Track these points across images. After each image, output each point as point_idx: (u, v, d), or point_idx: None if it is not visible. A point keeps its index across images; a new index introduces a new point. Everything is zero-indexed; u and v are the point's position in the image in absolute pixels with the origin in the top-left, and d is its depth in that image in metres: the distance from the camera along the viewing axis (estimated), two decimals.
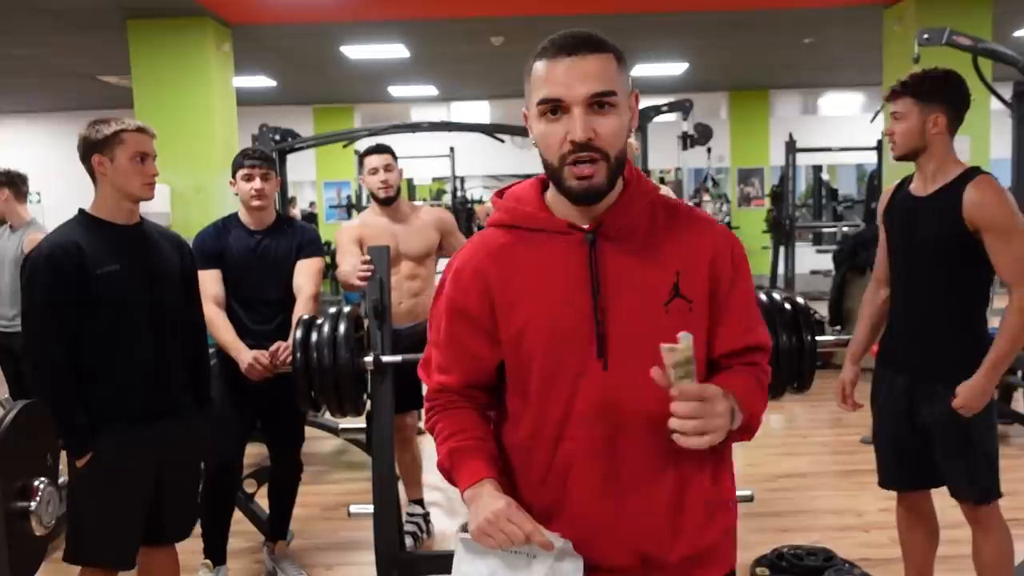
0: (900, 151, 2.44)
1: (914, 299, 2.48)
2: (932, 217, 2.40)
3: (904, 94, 2.40)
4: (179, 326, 2.42)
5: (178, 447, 2.41)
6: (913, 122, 2.39)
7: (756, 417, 1.34)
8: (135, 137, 2.29)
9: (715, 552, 1.38)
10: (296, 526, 3.74)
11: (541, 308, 1.32)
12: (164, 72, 6.42)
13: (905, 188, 2.54)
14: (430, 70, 9.80)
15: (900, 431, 2.54)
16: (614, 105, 1.27)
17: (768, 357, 1.42)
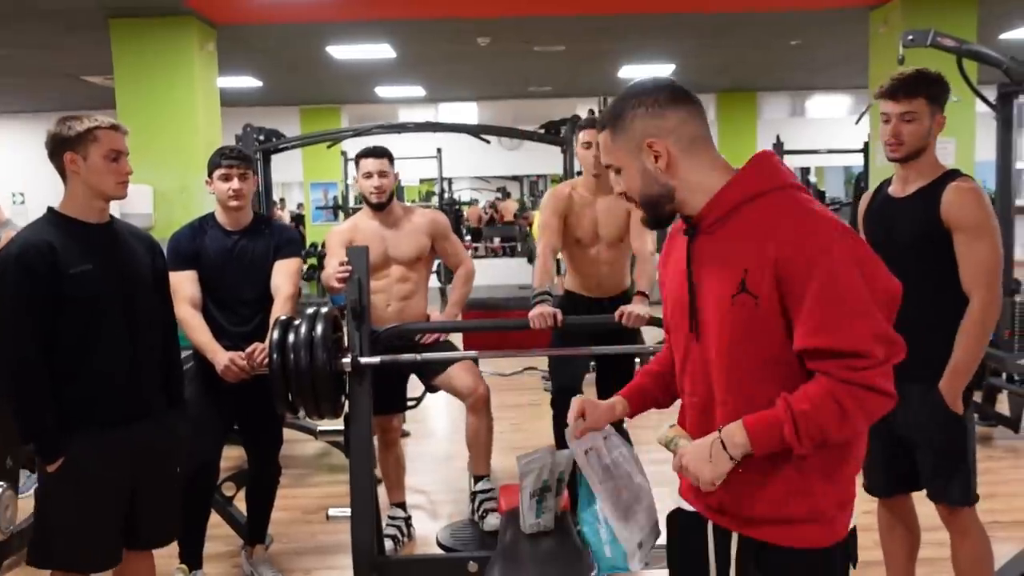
0: (906, 152, 2.38)
1: None
2: (909, 217, 2.39)
3: (918, 95, 2.34)
4: (152, 327, 2.38)
5: (153, 451, 2.36)
6: (925, 123, 2.35)
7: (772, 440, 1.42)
8: (109, 135, 2.25)
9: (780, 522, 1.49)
10: (275, 529, 3.70)
11: (671, 282, 1.62)
12: (147, 72, 6.36)
13: (883, 191, 2.53)
14: (417, 71, 9.76)
15: (881, 436, 2.51)
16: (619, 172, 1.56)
17: (853, 361, 1.37)
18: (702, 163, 1.50)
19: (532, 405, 6.08)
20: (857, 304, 1.38)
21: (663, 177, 1.49)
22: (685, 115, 1.49)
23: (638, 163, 1.50)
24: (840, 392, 1.37)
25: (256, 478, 3.32)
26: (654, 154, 1.48)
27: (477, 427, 3.39)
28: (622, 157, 1.52)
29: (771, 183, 1.46)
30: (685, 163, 1.49)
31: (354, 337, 2.83)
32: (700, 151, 1.50)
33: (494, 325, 3.50)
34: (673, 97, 1.49)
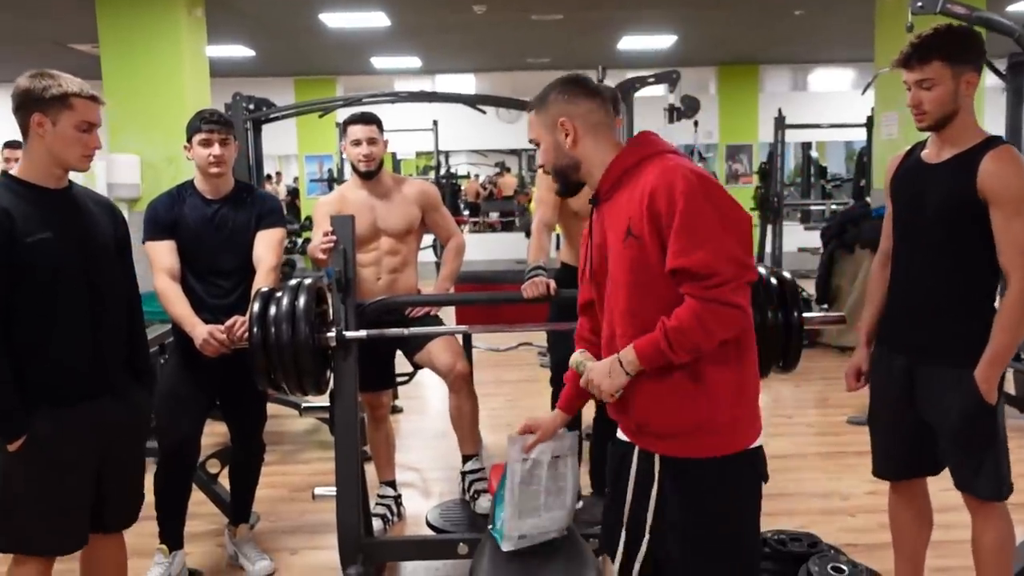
0: (930, 121, 2.21)
1: (918, 274, 2.29)
2: (943, 185, 2.20)
3: (932, 57, 2.15)
4: (116, 298, 2.25)
5: (118, 428, 2.24)
6: (947, 87, 2.15)
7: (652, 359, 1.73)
8: (85, 105, 2.10)
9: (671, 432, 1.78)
10: (262, 508, 3.60)
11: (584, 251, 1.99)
12: (133, 39, 6.18)
13: (915, 155, 2.34)
14: (413, 40, 9.57)
15: (898, 416, 2.38)
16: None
17: (705, 281, 1.65)
18: (602, 144, 1.86)
19: (528, 381, 5.98)
20: (707, 232, 1.65)
21: (570, 150, 1.86)
22: (593, 106, 1.86)
23: (552, 138, 1.87)
24: (699, 309, 1.66)
25: (239, 456, 3.21)
26: (564, 131, 1.85)
27: (459, 406, 3.28)
28: (541, 132, 1.89)
29: (647, 151, 1.80)
30: (588, 142, 1.85)
31: (339, 310, 2.70)
32: (601, 135, 1.86)
33: (485, 298, 3.38)
34: (585, 90, 1.87)
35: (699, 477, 1.75)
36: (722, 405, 1.74)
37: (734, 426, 1.76)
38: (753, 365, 1.82)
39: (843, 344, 6.40)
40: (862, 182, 9.64)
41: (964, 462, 2.29)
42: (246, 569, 3.18)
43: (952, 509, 2.65)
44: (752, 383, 1.82)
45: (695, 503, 1.77)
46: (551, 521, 2.35)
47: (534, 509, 2.34)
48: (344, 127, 3.32)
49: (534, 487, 2.35)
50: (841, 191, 13.39)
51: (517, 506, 2.32)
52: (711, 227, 1.66)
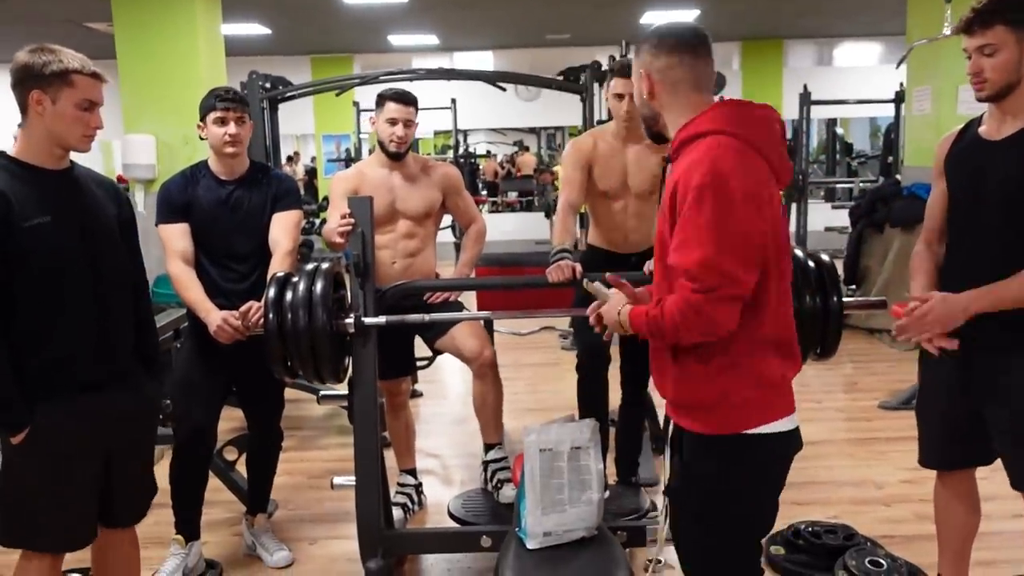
0: (993, 89, 2.06)
1: (980, 257, 2.14)
2: (1008, 161, 2.05)
3: (995, 21, 2.00)
4: (121, 284, 2.15)
5: (127, 418, 2.16)
6: (1011, 53, 2.01)
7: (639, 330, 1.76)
8: (87, 82, 2.00)
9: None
10: (280, 495, 3.54)
11: None
12: (147, 17, 6.08)
13: (972, 132, 2.20)
14: (431, 17, 9.42)
15: (951, 405, 2.25)
16: None
17: (690, 283, 1.61)
18: (679, 104, 1.78)
19: (550, 365, 5.89)
20: (702, 235, 1.60)
21: (648, 102, 1.82)
22: (676, 62, 1.77)
23: (637, 86, 1.85)
24: (677, 309, 1.64)
25: (256, 445, 3.14)
26: (644, 82, 1.81)
27: (484, 393, 3.17)
28: (633, 78, 1.87)
29: (707, 127, 1.70)
30: (665, 98, 1.79)
31: (357, 296, 2.61)
32: (680, 94, 1.77)
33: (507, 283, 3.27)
34: (674, 44, 1.77)
35: (692, 449, 1.79)
36: (730, 386, 1.71)
37: (741, 407, 1.71)
38: (767, 349, 1.72)
39: (872, 326, 6.26)
40: (889, 159, 9.43)
41: (1018, 457, 2.16)
42: (264, 560, 3.11)
43: (994, 498, 2.53)
44: (762, 369, 1.71)
45: (686, 473, 1.81)
46: (578, 518, 2.27)
47: (558, 503, 2.27)
48: (380, 101, 3.16)
49: (555, 480, 2.28)
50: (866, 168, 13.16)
51: (539, 500, 2.25)
52: (708, 230, 1.60)
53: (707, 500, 1.77)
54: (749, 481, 1.75)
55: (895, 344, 5.94)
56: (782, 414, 1.74)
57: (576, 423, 2.37)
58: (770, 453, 1.75)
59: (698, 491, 1.79)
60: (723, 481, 1.74)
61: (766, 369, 1.71)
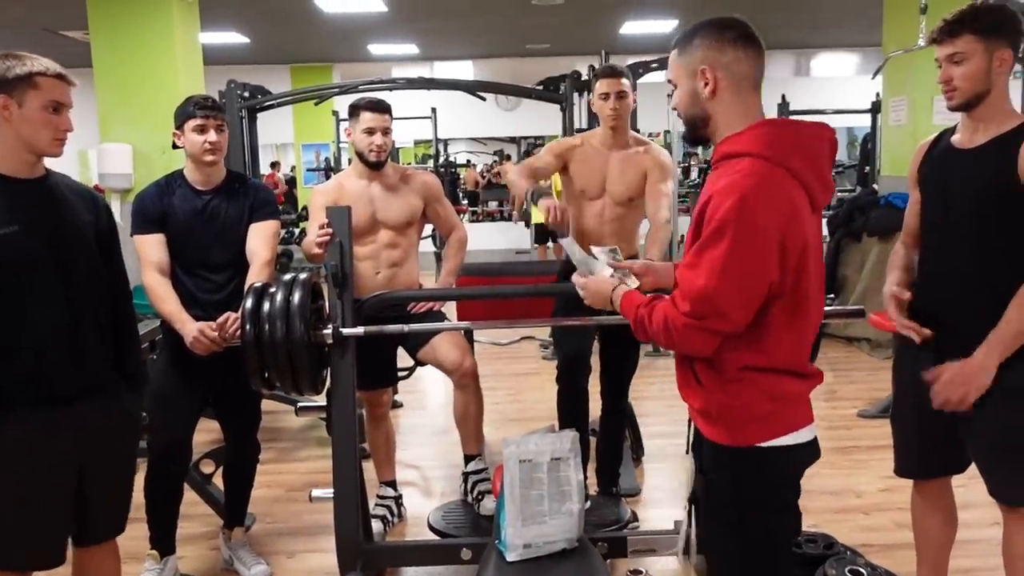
0: (962, 98, 2.09)
1: (951, 265, 2.16)
2: (979, 171, 2.07)
3: (963, 31, 2.04)
4: (97, 294, 2.11)
5: (103, 431, 2.11)
6: (979, 62, 2.04)
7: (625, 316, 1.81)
8: (52, 83, 1.97)
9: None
10: (258, 509, 3.50)
11: None
12: (124, 25, 6.03)
13: (945, 141, 2.22)
14: (410, 27, 9.42)
15: (926, 415, 2.24)
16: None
17: (684, 306, 1.62)
18: (738, 106, 1.66)
19: (530, 374, 5.88)
20: (713, 265, 1.57)
21: (706, 103, 1.67)
22: (742, 56, 1.64)
23: (691, 84, 1.68)
24: (665, 321, 1.66)
25: (233, 457, 3.10)
26: (704, 80, 1.65)
27: (465, 404, 3.15)
28: (680, 75, 1.71)
29: (751, 148, 1.62)
30: (727, 97, 1.66)
31: (335, 306, 2.58)
32: (744, 93, 1.66)
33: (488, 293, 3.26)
34: (737, 37, 1.65)
35: (711, 457, 1.78)
36: (737, 401, 1.69)
37: (750, 422, 1.69)
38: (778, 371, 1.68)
39: (850, 335, 6.29)
40: (866, 169, 9.52)
41: (998, 466, 2.17)
42: (241, 574, 3.06)
43: (972, 506, 2.54)
44: (775, 385, 1.68)
45: (706, 480, 1.81)
46: (558, 529, 2.25)
47: (538, 515, 2.27)
48: (354, 112, 3.15)
49: (535, 491, 2.28)
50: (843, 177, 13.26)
51: (519, 512, 2.24)
52: (718, 263, 1.57)
53: (725, 508, 1.75)
54: (765, 492, 1.72)
55: (874, 352, 5.99)
56: (798, 426, 1.71)
57: (556, 434, 2.36)
58: (786, 465, 1.72)
59: (716, 499, 1.78)
60: (739, 491, 1.72)
61: (779, 386, 1.68)
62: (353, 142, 3.16)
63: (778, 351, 1.67)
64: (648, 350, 6.16)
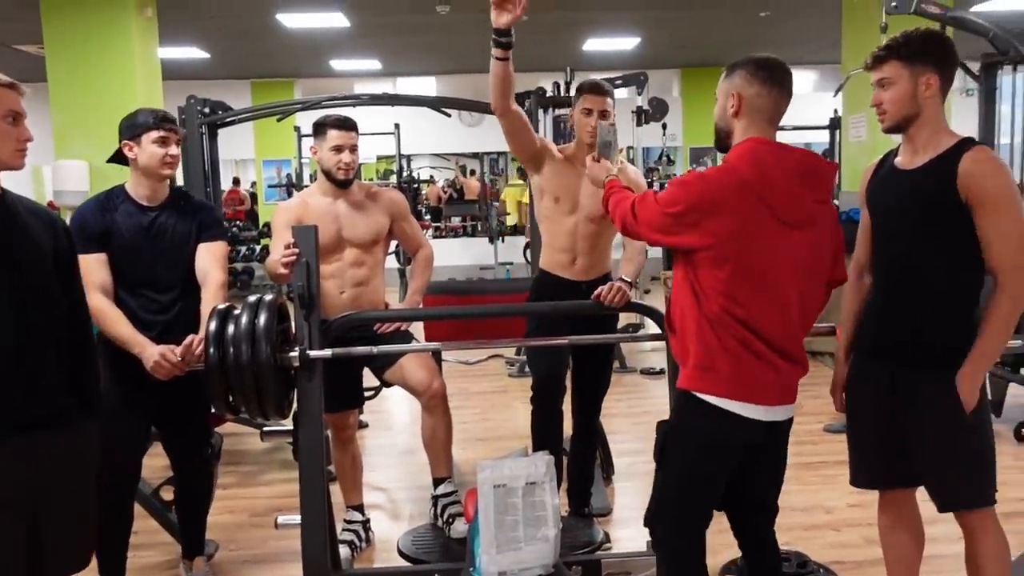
0: (892, 120, 2.21)
1: (899, 280, 2.25)
2: (922, 190, 2.16)
3: (890, 57, 2.17)
4: (52, 318, 2.02)
5: (58, 461, 2.01)
6: (904, 87, 2.15)
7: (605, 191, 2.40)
8: (4, 93, 1.90)
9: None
10: (221, 535, 3.40)
11: None
12: (81, 40, 5.94)
13: (889, 163, 2.31)
14: (373, 42, 9.38)
15: (882, 425, 2.30)
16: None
17: (632, 210, 2.16)
18: (751, 128, 2.08)
19: (498, 392, 5.83)
20: (657, 200, 2.09)
21: (730, 119, 2.11)
22: (765, 92, 2.07)
23: (724, 101, 2.12)
24: (620, 209, 2.21)
25: (182, 481, 2.96)
26: (732, 101, 2.09)
27: (433, 426, 3.10)
28: (720, 94, 2.14)
29: (730, 156, 2.08)
30: (744, 121, 2.10)
31: (302, 328, 2.52)
32: (757, 120, 2.08)
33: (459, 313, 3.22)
34: (767, 78, 2.07)
35: (675, 400, 2.20)
36: (688, 351, 2.11)
37: (692, 372, 2.09)
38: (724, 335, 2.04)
39: (815, 349, 6.34)
40: None
41: (948, 474, 2.23)
42: None
43: (939, 521, 2.55)
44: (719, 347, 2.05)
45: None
46: (533, 555, 2.21)
47: (512, 541, 2.23)
48: (321, 130, 3.10)
49: (510, 517, 2.24)
50: None
51: (493, 539, 2.20)
52: (657, 203, 2.08)
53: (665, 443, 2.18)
54: (701, 447, 2.11)
55: None
56: (731, 395, 2.05)
57: (530, 457, 2.32)
58: (711, 423, 2.07)
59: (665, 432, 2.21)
60: (681, 436, 2.15)
61: (721, 349, 2.04)
62: (319, 160, 3.11)
63: (710, 303, 2.03)
64: (615, 367, 6.16)
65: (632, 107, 7.13)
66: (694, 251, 2.03)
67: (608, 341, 3.34)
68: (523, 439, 3.33)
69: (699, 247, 2.01)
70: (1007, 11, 7.83)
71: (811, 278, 2.11)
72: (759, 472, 2.21)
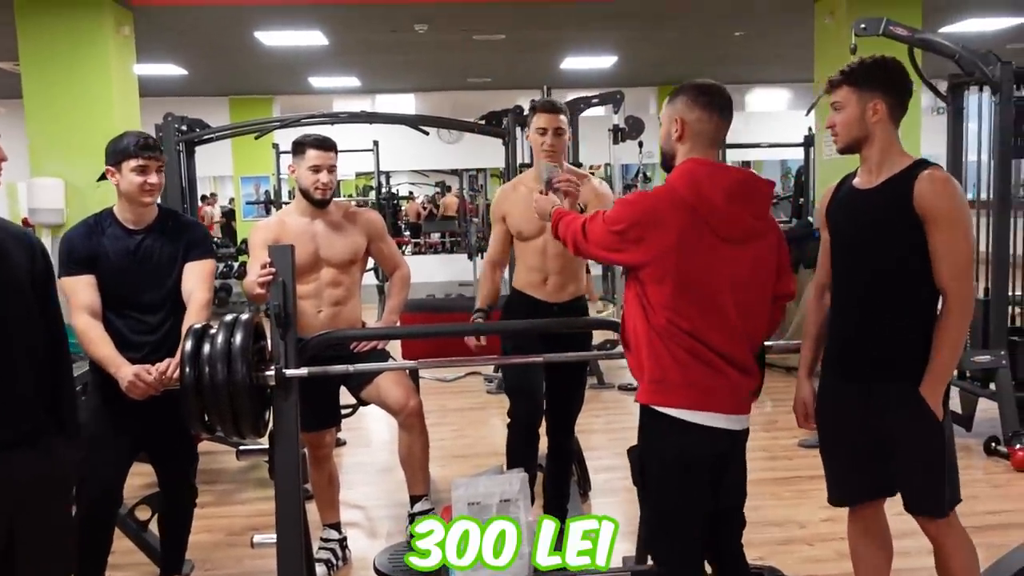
0: (843, 142, 2.30)
1: (861, 298, 2.31)
2: (879, 209, 2.24)
3: (842, 83, 2.27)
4: (28, 341, 2.01)
5: (36, 485, 1.99)
6: (852, 111, 2.25)
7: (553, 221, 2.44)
8: None
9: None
10: (197, 555, 3.38)
11: None
12: (57, 57, 5.93)
13: (848, 184, 2.39)
14: (352, 60, 9.42)
15: (850, 440, 2.36)
16: None
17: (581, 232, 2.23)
18: (694, 151, 2.17)
19: (476, 409, 5.84)
20: (604, 219, 2.17)
21: (674, 143, 2.20)
22: (706, 117, 2.15)
23: (667, 126, 2.20)
24: (571, 231, 2.27)
25: (168, 502, 2.97)
26: (675, 126, 2.17)
27: (410, 444, 3.11)
28: (664, 118, 2.22)
29: (674, 177, 2.15)
30: (687, 144, 2.18)
31: (278, 347, 2.52)
32: (700, 144, 2.17)
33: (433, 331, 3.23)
34: (707, 103, 2.15)
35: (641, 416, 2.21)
36: (642, 366, 2.16)
37: (647, 386, 2.14)
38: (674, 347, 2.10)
39: (790, 364, 6.40)
40: (800, 200, 9.77)
41: (916, 481, 2.28)
42: None
43: (908, 535, 2.60)
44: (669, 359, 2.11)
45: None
46: (509, 574, 2.23)
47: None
48: (299, 149, 3.11)
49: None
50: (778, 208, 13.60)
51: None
52: (604, 222, 2.16)
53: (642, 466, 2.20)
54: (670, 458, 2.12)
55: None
56: (687, 405, 2.09)
57: (505, 475, 2.34)
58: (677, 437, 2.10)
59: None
60: (650, 450, 2.17)
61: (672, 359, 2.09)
62: (297, 179, 3.12)
63: (657, 317, 2.09)
64: (593, 383, 6.18)
65: (609, 125, 7.20)
66: (639, 267, 2.11)
67: (584, 358, 3.36)
68: (500, 456, 3.34)
69: (642, 263, 2.09)
70: (973, 32, 8.01)
71: (751, 291, 2.15)
72: (727, 484, 2.24)
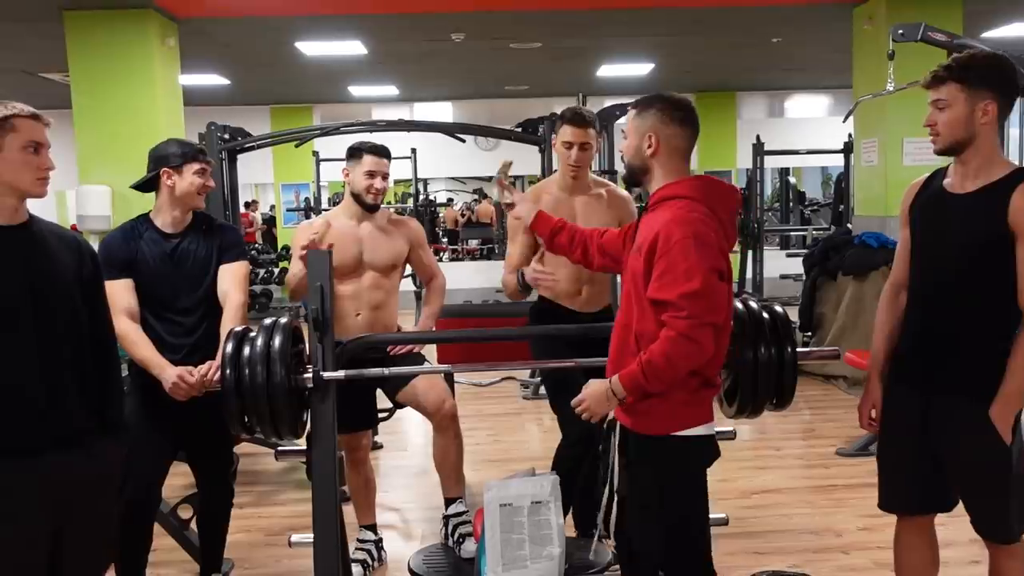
0: (944, 143, 2.17)
1: (940, 306, 2.23)
2: (971, 217, 2.14)
3: (949, 79, 2.12)
4: (76, 342, 2.09)
5: (81, 484, 2.06)
6: (960, 110, 2.12)
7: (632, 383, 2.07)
8: (29, 124, 1.98)
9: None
10: (236, 554, 3.45)
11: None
12: (105, 68, 6.08)
13: (937, 183, 2.27)
14: (390, 69, 9.52)
15: (912, 451, 2.28)
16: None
17: (673, 311, 1.99)
18: (671, 166, 2.16)
19: (511, 415, 5.87)
20: (685, 274, 1.98)
21: (647, 158, 2.15)
22: (681, 132, 2.15)
23: (638, 141, 2.16)
24: (671, 338, 1.99)
25: (206, 502, 3.04)
26: (649, 141, 2.14)
27: (445, 447, 3.15)
28: (632, 132, 2.18)
29: (686, 193, 2.11)
30: (662, 159, 2.15)
31: (316, 350, 2.58)
32: (675, 159, 2.16)
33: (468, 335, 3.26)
34: (682, 119, 2.15)
35: (636, 447, 2.17)
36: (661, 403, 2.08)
37: (671, 419, 2.10)
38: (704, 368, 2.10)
39: (828, 373, 6.34)
40: (840, 207, 9.67)
41: (982, 504, 2.21)
42: None
43: (952, 544, 2.56)
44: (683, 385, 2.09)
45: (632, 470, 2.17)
46: (539, 573, 2.25)
47: (518, 560, 2.27)
48: (356, 154, 3.19)
49: (516, 535, 2.29)
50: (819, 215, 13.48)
51: (499, 557, 2.24)
52: (683, 270, 1.99)
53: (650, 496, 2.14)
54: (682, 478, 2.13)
55: (851, 390, 6.03)
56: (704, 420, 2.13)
57: (537, 477, 2.37)
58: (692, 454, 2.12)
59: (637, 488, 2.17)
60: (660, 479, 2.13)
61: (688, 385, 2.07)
62: (350, 182, 3.19)
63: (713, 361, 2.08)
64: None
65: None
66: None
67: None
68: (535, 460, 3.37)
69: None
70: (1014, 37, 7.86)
71: None
72: None
